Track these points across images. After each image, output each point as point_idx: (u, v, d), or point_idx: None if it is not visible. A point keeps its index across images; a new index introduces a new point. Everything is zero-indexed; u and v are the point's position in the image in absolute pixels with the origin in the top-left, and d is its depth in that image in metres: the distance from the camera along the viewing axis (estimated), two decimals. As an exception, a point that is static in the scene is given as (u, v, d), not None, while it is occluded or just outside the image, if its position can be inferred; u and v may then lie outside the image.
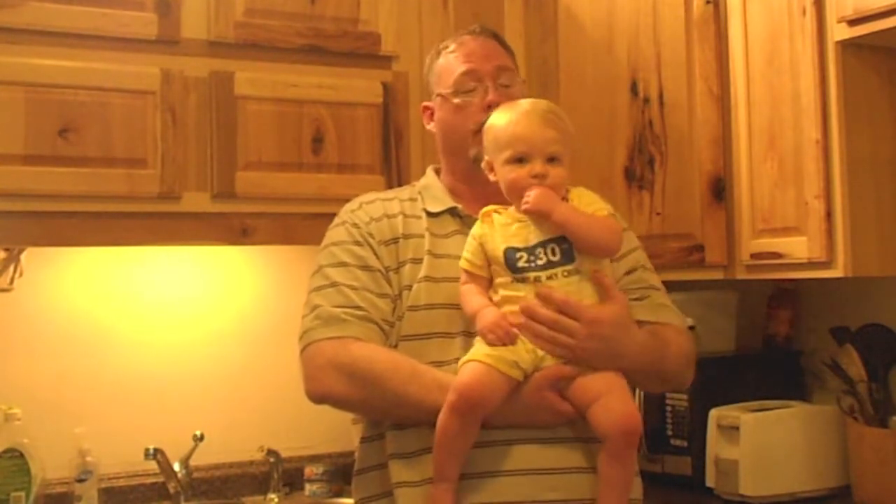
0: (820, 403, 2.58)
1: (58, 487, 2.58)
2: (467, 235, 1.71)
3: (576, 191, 1.69)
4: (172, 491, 2.66)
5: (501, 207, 1.68)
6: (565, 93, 2.68)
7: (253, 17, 2.48)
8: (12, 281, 2.55)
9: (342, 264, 1.74)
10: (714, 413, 2.47)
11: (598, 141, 2.64)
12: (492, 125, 1.69)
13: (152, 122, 2.36)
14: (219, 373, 2.83)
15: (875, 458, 2.30)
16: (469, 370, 1.57)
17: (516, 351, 1.58)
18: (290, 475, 2.83)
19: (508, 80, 1.83)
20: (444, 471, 1.56)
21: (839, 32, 2.20)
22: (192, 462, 2.71)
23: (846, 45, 2.21)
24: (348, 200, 1.88)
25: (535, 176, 1.62)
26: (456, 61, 1.84)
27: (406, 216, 1.79)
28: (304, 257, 2.48)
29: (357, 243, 1.76)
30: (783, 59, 2.32)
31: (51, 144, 2.26)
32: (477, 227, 1.69)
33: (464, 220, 1.77)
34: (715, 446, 2.45)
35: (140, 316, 2.76)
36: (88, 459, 2.57)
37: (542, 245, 1.62)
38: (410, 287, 1.71)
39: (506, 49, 1.91)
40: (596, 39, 2.66)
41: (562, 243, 1.61)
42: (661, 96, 2.57)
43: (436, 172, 1.90)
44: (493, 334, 1.58)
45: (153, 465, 2.64)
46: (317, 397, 1.70)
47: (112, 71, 2.33)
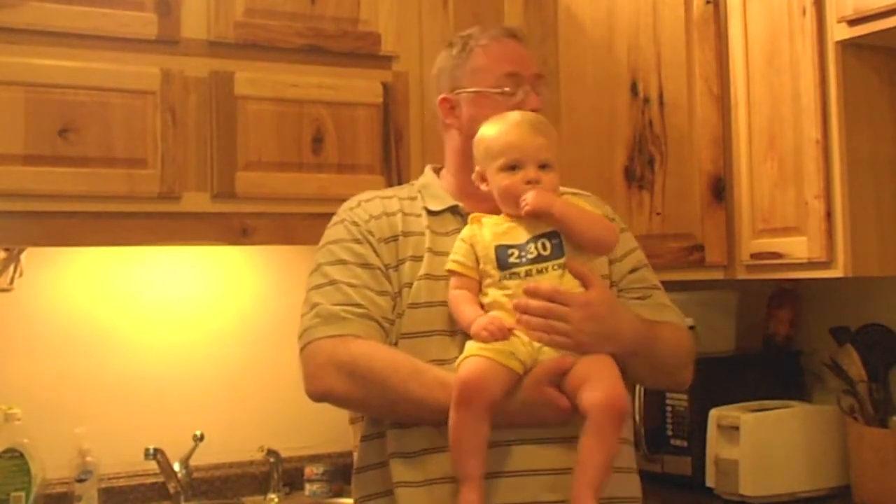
0: (820, 403, 2.58)
1: (58, 487, 2.58)
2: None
3: (569, 197, 1.72)
4: (172, 491, 2.66)
5: (490, 215, 1.70)
6: (565, 93, 2.68)
7: (253, 17, 2.48)
8: (12, 281, 2.54)
9: (341, 262, 1.74)
10: (714, 413, 2.47)
11: (598, 141, 2.64)
12: (483, 136, 1.71)
13: (152, 122, 2.36)
14: (219, 373, 2.83)
15: (875, 458, 2.30)
16: (467, 364, 1.58)
17: (512, 344, 1.58)
18: (290, 475, 2.83)
19: (542, 89, 1.84)
20: (466, 469, 1.55)
21: (839, 32, 2.20)
22: (192, 462, 2.71)
23: (846, 45, 2.21)
24: (347, 201, 1.87)
25: (529, 181, 1.65)
26: (498, 60, 1.81)
27: (405, 214, 1.79)
28: (304, 257, 2.47)
29: (356, 241, 1.76)
30: (783, 59, 2.32)
31: (51, 144, 2.26)
32: (467, 231, 1.70)
33: (465, 219, 1.76)
34: (715, 446, 2.45)
35: (140, 316, 2.76)
36: (88, 459, 2.57)
37: (533, 240, 1.63)
38: (410, 285, 1.71)
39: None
40: (596, 39, 2.66)
41: (552, 238, 1.63)
42: (661, 96, 2.58)
43: (434, 172, 1.90)
44: (487, 331, 1.58)
45: (153, 465, 2.64)
46: (317, 396, 1.69)
47: (112, 71, 2.33)
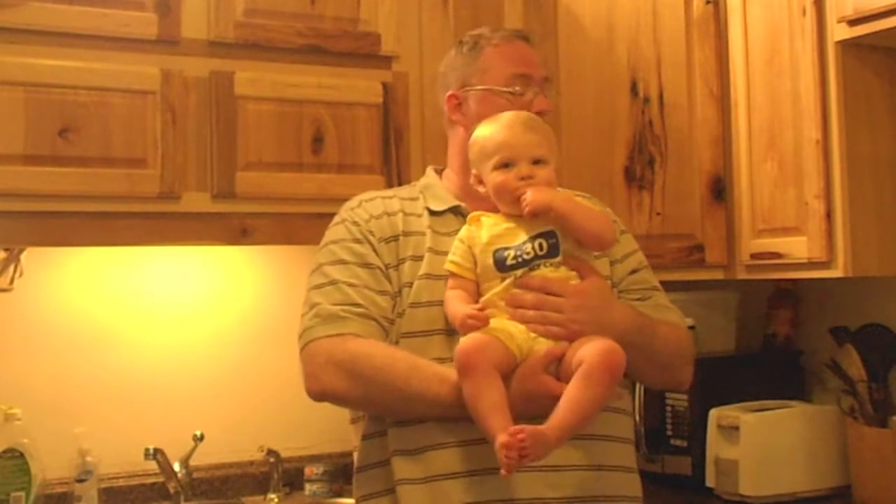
0: (820, 403, 2.58)
1: (58, 487, 2.58)
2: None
3: (568, 193, 1.72)
4: (172, 491, 2.66)
5: (489, 213, 1.70)
6: (565, 93, 2.68)
7: (253, 17, 2.47)
8: (12, 281, 2.54)
9: (341, 262, 1.74)
10: (714, 413, 2.47)
11: (598, 141, 2.64)
12: (476, 138, 1.72)
13: (152, 122, 2.36)
14: (219, 373, 2.83)
15: (875, 458, 2.30)
16: (465, 338, 1.58)
17: (510, 331, 1.59)
18: (290, 475, 2.83)
19: (550, 92, 1.85)
20: (493, 425, 1.49)
21: (839, 32, 2.20)
22: (192, 462, 2.70)
23: (846, 45, 2.22)
24: (348, 200, 1.87)
25: (522, 178, 1.65)
26: (508, 61, 1.83)
27: (406, 214, 1.80)
28: (304, 257, 2.47)
29: (357, 241, 1.76)
30: (783, 59, 2.32)
31: (51, 144, 2.26)
32: (464, 231, 1.71)
33: (467, 219, 1.77)
34: (715, 446, 2.45)
35: (140, 316, 2.76)
36: (88, 459, 2.56)
37: (530, 240, 1.64)
38: (411, 284, 1.71)
39: None
40: (596, 39, 2.66)
41: (549, 238, 1.64)
42: (661, 96, 2.58)
43: (436, 173, 1.90)
44: (471, 319, 1.59)
45: (153, 465, 2.64)
46: (317, 395, 1.70)
47: (112, 71, 2.33)
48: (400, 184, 2.46)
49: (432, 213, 1.80)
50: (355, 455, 1.79)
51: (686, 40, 2.55)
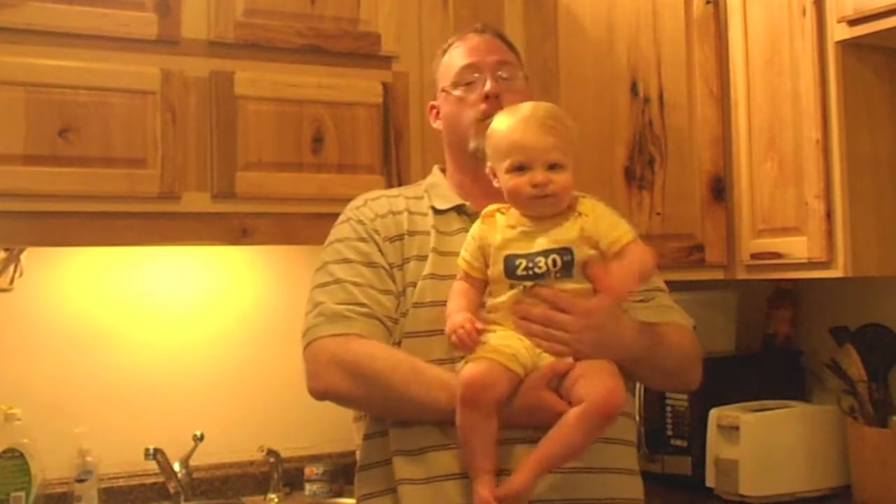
0: (820, 403, 2.58)
1: (58, 487, 2.58)
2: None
3: (587, 203, 1.66)
4: (172, 491, 2.66)
5: (504, 207, 1.66)
6: (565, 93, 2.68)
7: (253, 17, 2.47)
8: (12, 281, 2.54)
9: (346, 261, 1.74)
10: (714, 413, 2.47)
11: (598, 141, 2.63)
12: (493, 131, 1.67)
13: (152, 122, 2.36)
14: (219, 373, 2.83)
15: (875, 458, 2.30)
16: (469, 366, 1.57)
17: (514, 346, 1.58)
18: (290, 475, 2.83)
19: (509, 74, 1.84)
20: (478, 464, 1.54)
21: (839, 32, 2.20)
22: (192, 462, 2.70)
23: (846, 45, 2.22)
24: (348, 200, 1.88)
25: (536, 185, 1.59)
26: (458, 56, 1.86)
27: (411, 213, 1.80)
28: (305, 257, 2.49)
29: (361, 240, 1.76)
30: (783, 59, 2.32)
31: (51, 144, 2.26)
32: (477, 228, 1.68)
33: (471, 218, 1.77)
34: (715, 446, 2.45)
35: (140, 316, 2.76)
36: (88, 459, 2.56)
37: (544, 254, 1.60)
38: (415, 284, 1.71)
39: (509, 47, 1.92)
40: (596, 39, 2.66)
41: (564, 255, 1.60)
42: (661, 96, 2.58)
43: (442, 172, 1.91)
44: (456, 335, 1.58)
45: (153, 465, 2.64)
46: (319, 394, 1.70)
47: (112, 71, 2.33)
48: (400, 184, 2.46)
49: (436, 212, 1.80)
50: (358, 454, 1.79)
51: (686, 40, 2.54)
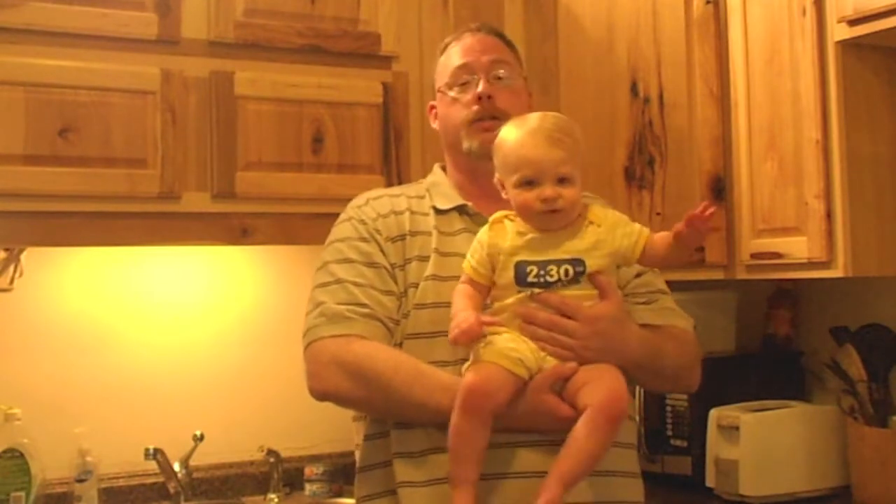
0: (820, 403, 2.58)
1: (58, 487, 2.58)
2: (475, 234, 1.70)
3: (598, 211, 1.65)
4: (172, 491, 2.66)
5: (512, 214, 1.64)
6: (565, 93, 2.68)
7: (253, 17, 2.48)
8: (12, 281, 2.54)
9: (347, 261, 1.73)
10: (714, 413, 2.47)
11: (598, 141, 2.63)
12: (501, 143, 1.65)
13: (152, 122, 2.36)
14: (219, 373, 2.83)
15: (875, 458, 2.30)
16: (474, 369, 1.56)
17: (519, 350, 1.57)
18: (290, 475, 2.83)
19: (504, 74, 1.83)
20: (462, 473, 1.54)
21: (839, 32, 2.20)
22: (192, 462, 2.70)
23: (846, 45, 2.21)
24: (348, 200, 1.87)
25: (545, 200, 1.57)
26: (453, 56, 1.85)
27: (413, 213, 1.79)
28: (305, 257, 2.49)
29: (363, 239, 1.75)
30: (783, 59, 2.32)
31: (51, 144, 2.26)
32: (485, 234, 1.64)
33: (472, 218, 1.76)
34: (715, 446, 2.45)
35: (140, 316, 2.76)
36: (88, 459, 2.57)
37: (556, 263, 1.59)
38: (417, 285, 1.70)
39: (507, 45, 1.91)
40: (596, 39, 2.66)
41: (577, 265, 1.59)
42: (661, 96, 2.58)
43: (443, 170, 1.90)
44: (459, 327, 1.55)
45: (153, 465, 2.64)
46: (319, 395, 1.69)
47: (112, 71, 2.33)
48: (400, 183, 2.45)
49: (438, 212, 1.79)
50: (357, 453, 1.79)
51: (686, 40, 2.54)
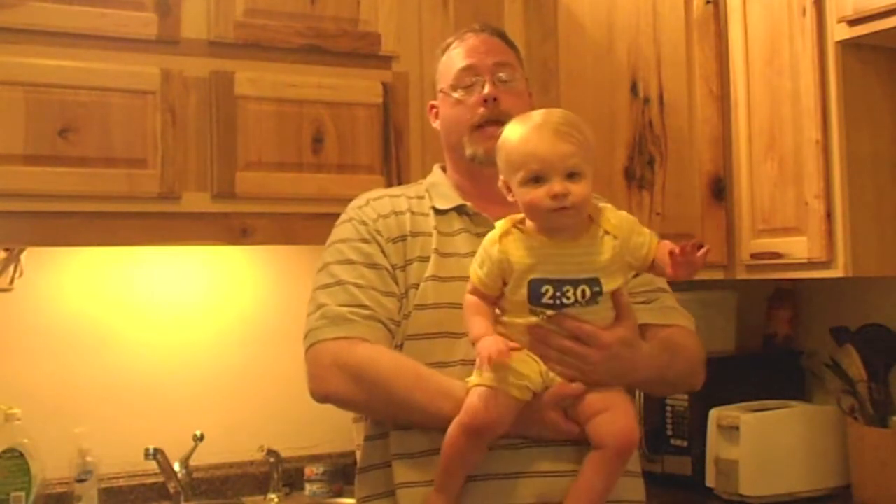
0: (820, 403, 2.58)
1: (58, 487, 2.58)
2: (474, 234, 1.70)
3: (612, 217, 1.59)
4: (172, 491, 2.66)
5: (519, 222, 1.58)
6: (565, 93, 2.68)
7: (253, 17, 2.47)
8: (12, 281, 2.54)
9: (348, 262, 1.73)
10: (714, 413, 2.47)
11: (598, 141, 2.58)
12: (503, 142, 1.59)
13: (152, 122, 2.36)
14: (219, 373, 2.83)
15: (875, 458, 2.30)
16: (478, 394, 1.54)
17: (525, 373, 1.54)
18: (290, 475, 2.83)
19: (508, 76, 1.82)
20: (447, 482, 1.55)
21: (839, 32, 2.20)
22: (192, 462, 2.70)
23: (846, 45, 2.22)
24: (348, 200, 1.86)
25: (555, 196, 1.50)
26: (457, 57, 1.84)
27: (414, 213, 1.78)
28: (305, 257, 2.49)
29: (364, 240, 1.75)
30: (783, 59, 2.32)
31: (51, 144, 2.26)
32: (492, 246, 1.56)
33: (472, 218, 1.76)
34: (715, 446, 2.45)
35: (140, 316, 2.76)
36: (88, 459, 2.56)
37: (573, 284, 1.52)
38: (417, 286, 1.70)
39: (510, 46, 1.90)
40: (596, 39, 2.66)
41: (593, 286, 1.53)
42: (661, 96, 2.58)
43: (442, 170, 1.89)
44: (489, 354, 1.50)
45: (153, 465, 2.63)
46: (320, 397, 1.69)
47: (112, 71, 2.33)
48: (400, 184, 2.45)
49: (437, 212, 1.78)
50: (358, 454, 1.79)
51: (686, 40, 2.54)
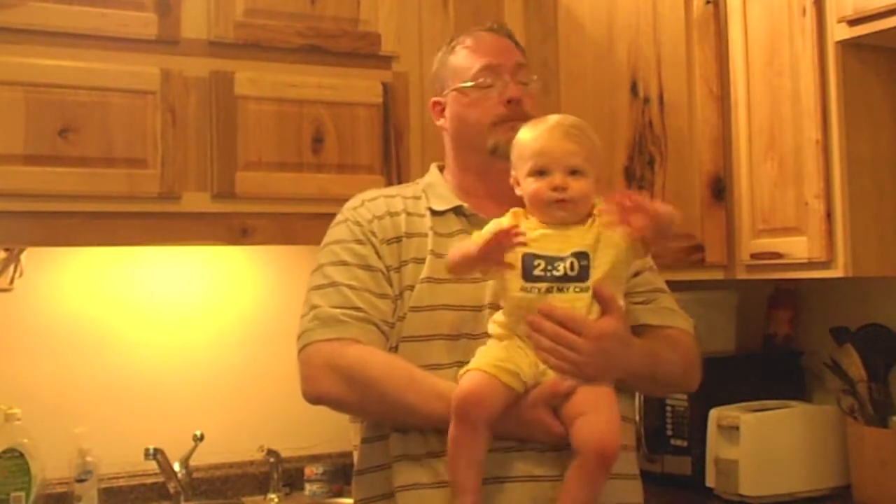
0: (820, 403, 2.58)
1: (58, 487, 2.58)
2: (471, 235, 1.70)
3: (602, 205, 1.63)
4: (172, 491, 2.66)
5: (524, 213, 1.64)
6: (565, 93, 2.68)
7: (253, 17, 2.48)
8: (12, 281, 2.55)
9: (342, 263, 1.72)
10: (714, 413, 2.47)
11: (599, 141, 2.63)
12: (518, 141, 1.67)
13: (152, 122, 2.36)
14: (219, 373, 2.83)
15: (875, 458, 2.30)
16: (469, 378, 1.55)
17: (518, 362, 1.55)
18: (290, 475, 2.83)
19: (526, 78, 1.83)
20: (463, 482, 1.53)
21: (839, 32, 2.20)
22: (192, 462, 2.71)
23: (846, 45, 2.21)
24: (348, 200, 1.85)
25: (555, 188, 1.59)
26: (475, 55, 1.82)
27: (409, 214, 1.77)
28: (305, 257, 2.48)
29: (358, 242, 1.74)
30: (783, 59, 2.32)
31: (51, 144, 2.26)
32: (505, 219, 1.63)
33: (469, 219, 1.75)
34: (715, 446, 2.45)
35: (140, 316, 2.76)
36: (88, 459, 2.57)
37: (562, 258, 1.58)
38: (412, 287, 1.69)
39: (518, 47, 1.90)
40: (596, 39, 2.66)
41: (582, 259, 1.58)
42: (661, 96, 2.57)
43: (440, 170, 1.88)
44: (496, 236, 1.55)
45: (153, 465, 2.64)
46: (312, 398, 1.69)
47: (112, 71, 2.33)
48: (400, 183, 2.45)
49: (434, 213, 1.77)
50: (355, 455, 1.79)
51: (686, 40, 2.54)
